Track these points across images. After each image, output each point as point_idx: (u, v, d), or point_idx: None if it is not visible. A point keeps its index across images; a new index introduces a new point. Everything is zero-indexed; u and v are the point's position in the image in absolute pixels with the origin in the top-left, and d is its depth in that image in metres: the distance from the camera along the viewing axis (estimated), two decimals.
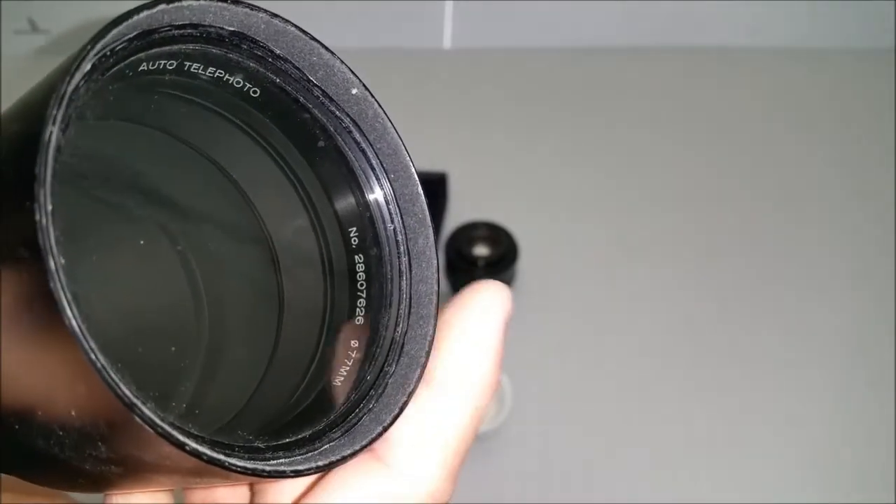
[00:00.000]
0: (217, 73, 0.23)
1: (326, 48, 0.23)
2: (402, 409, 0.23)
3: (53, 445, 0.20)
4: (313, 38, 0.23)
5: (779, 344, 0.84)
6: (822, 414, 0.79)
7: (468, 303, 0.24)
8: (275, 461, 0.21)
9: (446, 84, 1.11)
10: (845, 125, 1.04)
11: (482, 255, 0.88)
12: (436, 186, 0.95)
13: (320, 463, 0.21)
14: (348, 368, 0.24)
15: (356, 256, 0.25)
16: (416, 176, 0.25)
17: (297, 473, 0.21)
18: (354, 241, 0.25)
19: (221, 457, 0.19)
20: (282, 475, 0.20)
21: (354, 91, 0.24)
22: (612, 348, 0.84)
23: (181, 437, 0.18)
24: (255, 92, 0.23)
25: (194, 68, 0.22)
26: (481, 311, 0.23)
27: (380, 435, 0.22)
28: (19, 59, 1.05)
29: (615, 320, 0.86)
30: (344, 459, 0.22)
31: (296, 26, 0.23)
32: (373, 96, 0.24)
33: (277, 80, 0.23)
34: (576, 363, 0.83)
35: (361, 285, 0.25)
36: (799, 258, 0.91)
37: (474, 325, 0.23)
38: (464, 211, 0.93)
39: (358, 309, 0.25)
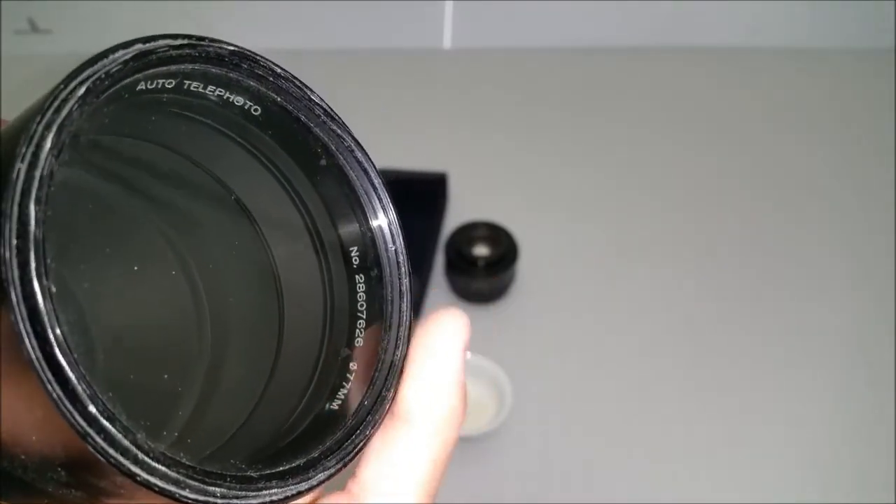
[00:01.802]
0: (217, 92, 0.23)
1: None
2: (362, 448, 0.22)
3: (17, 467, 0.20)
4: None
5: (779, 344, 0.84)
6: (822, 414, 0.79)
7: (429, 333, 0.24)
8: (266, 491, 0.20)
9: (446, 84, 1.11)
10: (845, 125, 1.04)
11: (482, 255, 0.88)
12: (436, 186, 0.95)
13: (265, 500, 0.21)
14: (346, 392, 0.24)
15: (357, 276, 0.25)
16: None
17: None
18: (356, 260, 0.25)
19: (172, 488, 0.19)
20: None
21: None
22: (612, 348, 0.84)
23: (132, 468, 0.18)
24: (255, 110, 0.23)
25: (194, 87, 0.22)
26: (443, 341, 0.24)
27: (333, 475, 0.22)
28: (19, 59, 1.05)
29: (615, 320, 0.86)
30: (287, 500, 0.21)
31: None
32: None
33: (279, 99, 0.23)
34: (576, 363, 0.83)
35: (361, 306, 0.25)
36: (799, 258, 0.91)
37: (438, 356, 0.23)
38: (464, 211, 0.93)
39: (357, 331, 0.25)
